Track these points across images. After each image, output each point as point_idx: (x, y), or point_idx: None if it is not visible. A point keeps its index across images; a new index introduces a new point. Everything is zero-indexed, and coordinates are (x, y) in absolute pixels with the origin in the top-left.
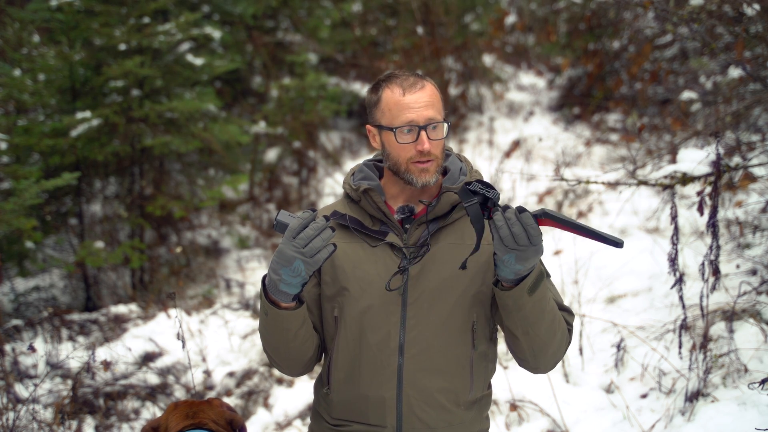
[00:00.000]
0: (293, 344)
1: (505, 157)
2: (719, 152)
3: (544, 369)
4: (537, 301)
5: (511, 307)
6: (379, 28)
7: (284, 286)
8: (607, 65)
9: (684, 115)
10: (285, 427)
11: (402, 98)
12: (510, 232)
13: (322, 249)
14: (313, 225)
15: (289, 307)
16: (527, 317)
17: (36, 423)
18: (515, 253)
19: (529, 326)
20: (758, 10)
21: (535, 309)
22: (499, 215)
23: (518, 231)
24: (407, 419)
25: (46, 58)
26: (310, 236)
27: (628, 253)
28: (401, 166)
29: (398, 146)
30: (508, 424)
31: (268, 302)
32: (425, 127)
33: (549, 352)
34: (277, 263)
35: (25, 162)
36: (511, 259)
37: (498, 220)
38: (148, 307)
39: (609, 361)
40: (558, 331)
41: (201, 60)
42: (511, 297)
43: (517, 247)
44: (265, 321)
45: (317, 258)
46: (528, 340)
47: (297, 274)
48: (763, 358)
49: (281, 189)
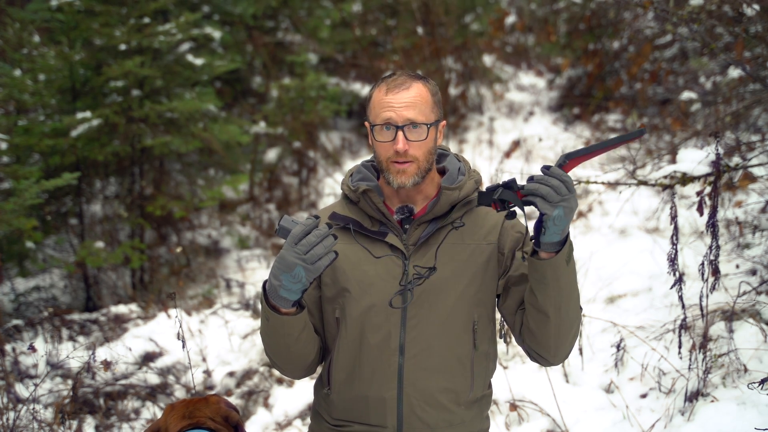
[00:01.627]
0: (295, 348)
1: (505, 157)
2: (719, 152)
3: (561, 357)
4: (572, 271)
5: (549, 278)
6: (379, 28)
7: (284, 292)
8: (607, 65)
9: (684, 115)
10: (285, 427)
11: (384, 97)
12: (550, 186)
13: (323, 256)
14: (315, 232)
15: (289, 313)
16: (563, 289)
17: (36, 423)
18: (562, 205)
19: (563, 300)
20: (758, 10)
21: (571, 280)
22: (531, 183)
23: (556, 183)
24: (408, 419)
25: (47, 58)
26: (312, 243)
27: (628, 253)
28: (382, 165)
29: (378, 144)
30: (508, 424)
31: (268, 308)
32: (402, 127)
33: (571, 335)
34: (278, 269)
35: (25, 162)
36: (560, 213)
37: (532, 186)
38: (148, 307)
39: (609, 361)
40: (579, 311)
41: (201, 60)
42: (551, 266)
43: (562, 198)
44: (267, 326)
45: (318, 265)
46: (558, 319)
47: (297, 280)
48: (762, 358)
49: (281, 189)
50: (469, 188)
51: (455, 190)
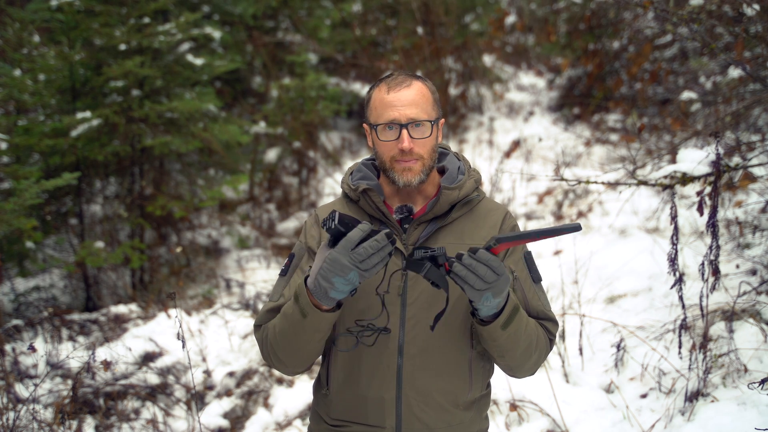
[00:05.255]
0: (319, 344)
1: (505, 157)
2: (719, 152)
3: (521, 377)
4: (511, 334)
5: (486, 338)
6: (379, 28)
7: (334, 293)
8: (607, 65)
9: (684, 115)
10: (285, 427)
11: (386, 96)
12: (476, 275)
13: (378, 264)
14: (373, 242)
15: (330, 310)
16: (501, 346)
17: (36, 423)
18: (489, 291)
19: (504, 352)
20: (758, 10)
21: (509, 340)
22: (458, 266)
23: (483, 271)
24: (406, 420)
25: (46, 58)
26: (369, 252)
27: (628, 253)
28: (386, 164)
29: (381, 144)
30: (508, 424)
31: (312, 306)
32: (406, 126)
33: (526, 368)
34: (330, 271)
35: (25, 162)
36: (488, 297)
37: (460, 270)
38: (148, 307)
39: (609, 361)
40: (534, 352)
41: (201, 60)
42: (485, 331)
43: (488, 285)
44: (298, 323)
45: (372, 273)
46: (503, 362)
47: (349, 282)
48: (762, 358)
49: (281, 189)
50: (468, 188)
51: (455, 190)
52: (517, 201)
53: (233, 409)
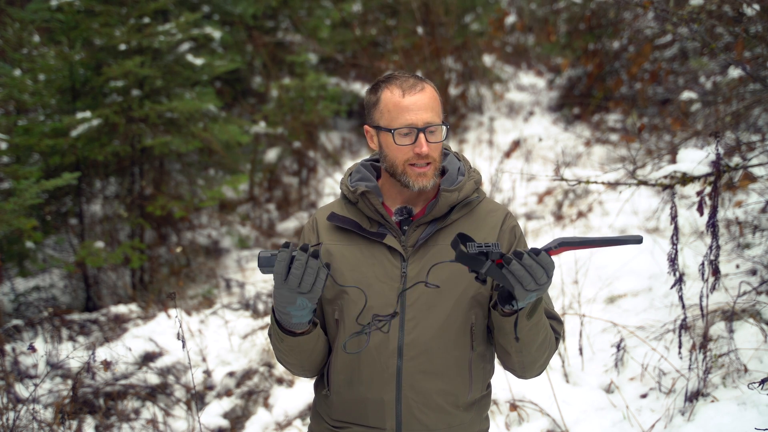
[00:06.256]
0: (313, 357)
1: (505, 157)
2: (719, 152)
3: (529, 377)
4: (534, 324)
5: (508, 330)
6: (379, 28)
7: (297, 319)
8: (607, 65)
9: (684, 115)
10: (285, 427)
11: (401, 100)
12: (532, 276)
13: (316, 280)
14: (296, 263)
15: (305, 332)
16: (523, 338)
17: (36, 423)
18: (537, 292)
19: (523, 346)
20: (758, 10)
21: (532, 331)
22: (517, 265)
23: (540, 273)
24: (406, 421)
25: (46, 58)
26: (298, 275)
27: (628, 253)
28: (398, 168)
29: (396, 148)
30: (508, 424)
31: (284, 333)
32: (423, 130)
33: (537, 366)
34: (280, 304)
35: (25, 162)
36: (532, 296)
37: (517, 270)
38: (148, 307)
39: (609, 361)
40: (548, 347)
41: (201, 60)
42: (509, 322)
43: (539, 287)
44: (281, 345)
45: (316, 289)
46: (520, 357)
47: (304, 306)
48: (762, 358)
49: (281, 189)
50: (468, 189)
51: (454, 192)
52: (517, 201)
53: (233, 409)
